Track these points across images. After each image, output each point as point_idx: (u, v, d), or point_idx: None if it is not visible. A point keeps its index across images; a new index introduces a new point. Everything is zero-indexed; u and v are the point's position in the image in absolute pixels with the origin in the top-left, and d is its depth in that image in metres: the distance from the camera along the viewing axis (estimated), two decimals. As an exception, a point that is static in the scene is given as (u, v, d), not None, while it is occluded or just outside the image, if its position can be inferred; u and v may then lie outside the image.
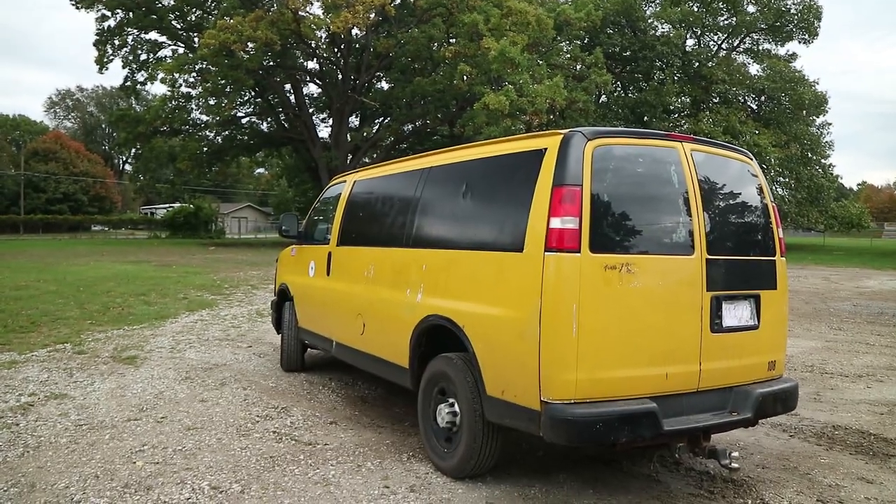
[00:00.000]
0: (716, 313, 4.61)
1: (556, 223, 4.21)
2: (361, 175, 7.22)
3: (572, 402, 4.12)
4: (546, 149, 4.51)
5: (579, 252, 4.17)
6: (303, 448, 5.69)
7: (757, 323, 4.91)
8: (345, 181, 7.55)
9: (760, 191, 5.25)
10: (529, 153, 4.67)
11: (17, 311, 12.91)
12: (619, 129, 5.03)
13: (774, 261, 5.15)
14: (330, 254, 7.22)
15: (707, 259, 4.60)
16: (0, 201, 69.38)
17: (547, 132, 4.66)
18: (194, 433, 6.02)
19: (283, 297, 8.68)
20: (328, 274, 7.22)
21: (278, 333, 9.10)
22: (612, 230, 4.37)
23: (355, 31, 44.32)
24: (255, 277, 21.17)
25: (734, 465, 4.64)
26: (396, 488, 4.85)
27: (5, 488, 4.75)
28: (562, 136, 4.45)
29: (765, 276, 5.07)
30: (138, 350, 9.60)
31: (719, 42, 58.33)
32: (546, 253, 4.22)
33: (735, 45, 57.97)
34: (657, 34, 54.34)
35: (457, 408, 5.00)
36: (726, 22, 56.30)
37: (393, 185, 6.44)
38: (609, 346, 4.24)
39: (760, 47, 57.78)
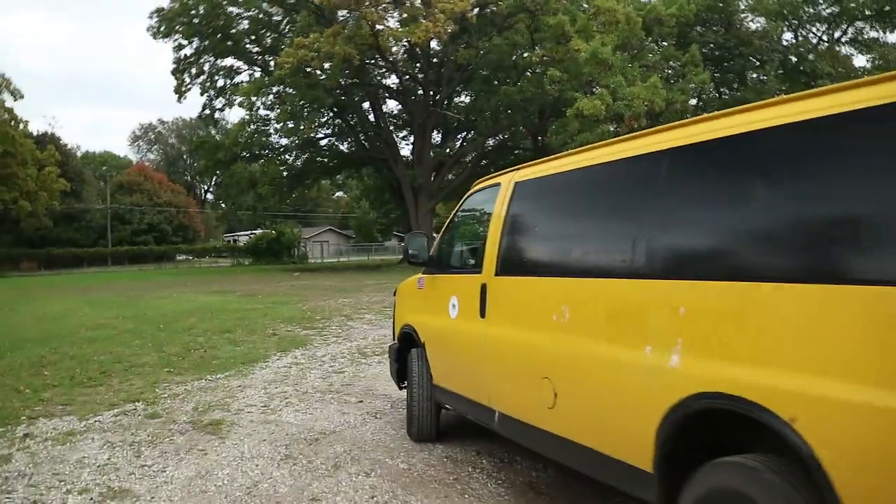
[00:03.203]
0: None
1: None
2: (526, 173, 5.02)
3: None
4: None
5: None
6: None
7: None
8: (496, 184, 5.39)
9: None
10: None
11: (90, 356, 11.23)
12: None
13: None
14: (484, 286, 5.07)
15: None
16: (88, 234, 70.05)
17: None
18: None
19: (409, 343, 6.59)
20: (482, 315, 5.08)
21: (400, 388, 7.03)
22: None
23: (434, 42, 42.85)
24: (348, 306, 19.27)
25: None
26: None
27: None
28: None
29: None
30: (224, 410, 7.65)
31: (819, 34, 54.78)
32: None
33: (837, 36, 54.26)
34: (751, 29, 51.34)
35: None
36: (827, 11, 52.71)
37: (597, 180, 4.19)
38: None
39: (866, 36, 53.81)
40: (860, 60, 52.15)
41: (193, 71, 47.26)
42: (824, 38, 54.43)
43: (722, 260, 3.28)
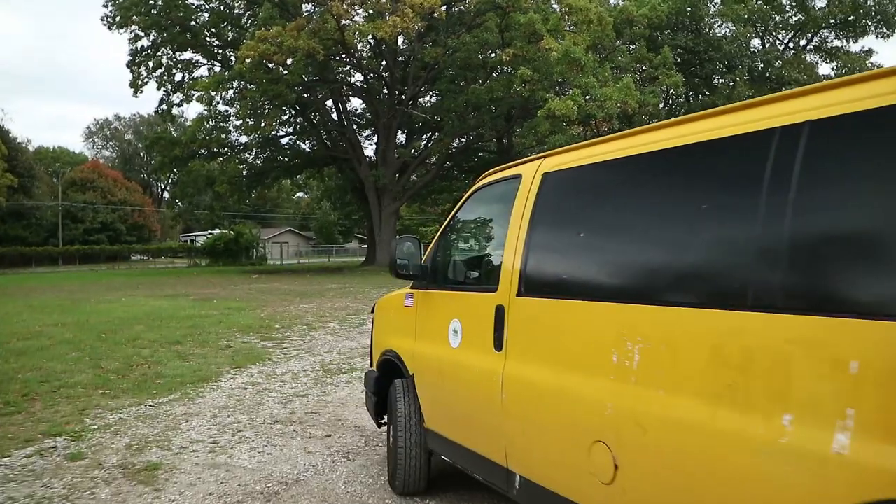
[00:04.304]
0: None
1: None
2: (561, 161, 3.77)
3: None
4: None
5: None
6: None
7: None
8: (515, 176, 4.15)
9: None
10: None
11: (13, 374, 9.78)
12: None
13: None
14: (501, 310, 3.85)
15: None
16: (38, 233, 67.51)
17: None
18: None
19: (391, 372, 5.36)
20: (498, 346, 3.86)
21: (379, 426, 5.80)
22: None
23: (401, 40, 41.65)
24: (309, 313, 17.92)
25: None
26: None
27: None
28: None
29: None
30: (163, 448, 6.33)
31: (785, 41, 54.73)
32: None
33: (803, 44, 54.23)
34: (719, 35, 51.04)
35: None
36: (794, 19, 52.66)
37: (687, 166, 2.99)
38: None
39: (830, 45, 53.95)
40: (825, 69, 52.34)
41: (151, 64, 45.24)
42: (790, 45, 54.52)
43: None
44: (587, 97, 32.65)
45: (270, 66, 34.81)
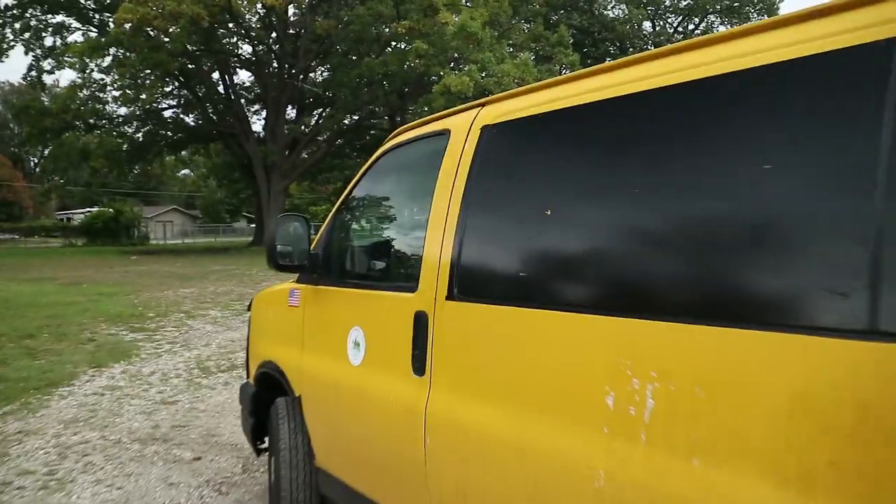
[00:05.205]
0: None
1: None
2: (509, 109, 2.69)
3: None
4: None
5: None
6: None
7: None
8: (442, 132, 3.01)
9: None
10: None
11: None
12: None
13: None
14: (423, 318, 2.76)
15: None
16: None
17: None
18: None
19: (271, 388, 4.20)
20: (419, 370, 2.76)
21: (258, 453, 4.64)
22: None
23: (292, 10, 39.78)
24: (189, 298, 16.39)
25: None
26: None
27: None
28: None
29: None
30: (-18, 483, 4.99)
31: (675, 24, 55.80)
32: None
33: (691, 28, 55.33)
34: (612, 16, 51.52)
35: None
36: (684, 4, 53.68)
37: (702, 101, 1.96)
38: None
39: (717, 29, 55.25)
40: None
41: (18, 26, 41.54)
42: (680, 28, 55.60)
43: None
44: (484, 73, 31.88)
45: (151, 31, 32.45)
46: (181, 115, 47.32)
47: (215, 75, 44.59)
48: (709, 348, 1.77)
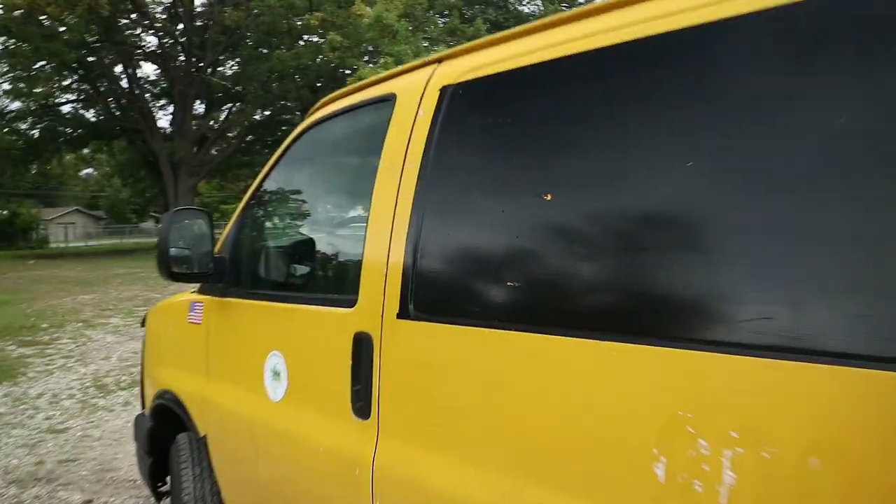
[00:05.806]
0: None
1: None
2: (480, 63, 1.97)
3: None
4: None
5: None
6: None
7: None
8: (386, 97, 2.28)
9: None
10: None
11: None
12: None
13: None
14: (366, 341, 2.05)
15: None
16: None
17: None
18: None
19: (170, 423, 3.43)
20: (361, 410, 2.06)
21: (158, 498, 3.86)
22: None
23: (199, 0, 38.30)
24: (89, 305, 15.19)
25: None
26: None
27: None
28: None
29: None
30: None
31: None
32: None
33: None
34: (527, 11, 51.56)
35: None
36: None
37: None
38: None
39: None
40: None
41: None
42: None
43: None
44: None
45: (44, 19, 30.55)
46: (81, 111, 45.10)
47: (118, 68, 42.58)
48: (831, 390, 1.15)
